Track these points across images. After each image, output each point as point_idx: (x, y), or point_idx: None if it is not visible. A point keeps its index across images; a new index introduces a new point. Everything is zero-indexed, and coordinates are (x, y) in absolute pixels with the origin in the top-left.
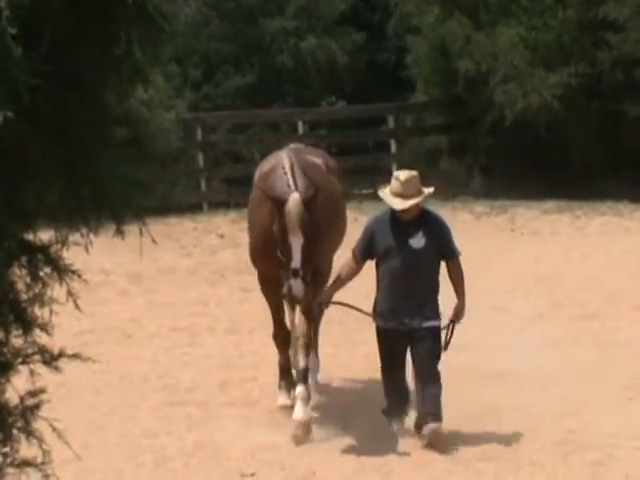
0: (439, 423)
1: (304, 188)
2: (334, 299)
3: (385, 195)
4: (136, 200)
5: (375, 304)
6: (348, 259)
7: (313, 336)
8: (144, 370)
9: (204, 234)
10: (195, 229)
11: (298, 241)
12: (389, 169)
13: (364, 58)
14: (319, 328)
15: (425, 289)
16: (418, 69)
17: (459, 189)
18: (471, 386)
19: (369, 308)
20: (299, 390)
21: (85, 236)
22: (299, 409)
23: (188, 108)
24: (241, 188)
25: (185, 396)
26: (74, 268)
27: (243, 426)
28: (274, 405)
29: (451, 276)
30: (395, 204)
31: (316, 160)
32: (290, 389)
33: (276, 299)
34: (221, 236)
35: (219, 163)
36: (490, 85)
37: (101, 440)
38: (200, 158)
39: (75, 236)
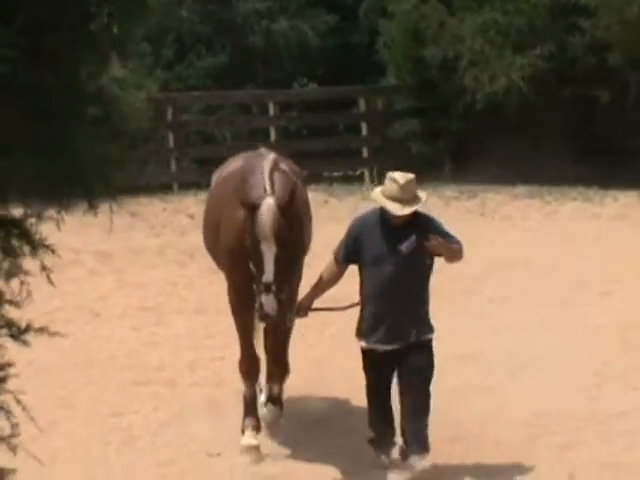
0: (426, 459)
1: (281, 192)
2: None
3: (380, 199)
4: (108, 177)
5: (360, 320)
6: (329, 262)
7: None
8: (112, 349)
9: (174, 214)
10: (165, 209)
11: (271, 252)
12: (360, 152)
13: (336, 40)
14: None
15: (417, 299)
16: (389, 53)
17: (430, 173)
18: (440, 368)
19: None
20: (269, 408)
21: (57, 213)
22: (247, 436)
23: (159, 88)
24: (212, 169)
25: (153, 375)
26: (47, 243)
27: (211, 406)
28: (241, 386)
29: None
30: (394, 210)
31: (281, 165)
32: (256, 427)
33: (247, 318)
34: (191, 216)
35: (190, 143)
36: (459, 70)
37: (69, 418)
38: (171, 138)
39: (48, 213)
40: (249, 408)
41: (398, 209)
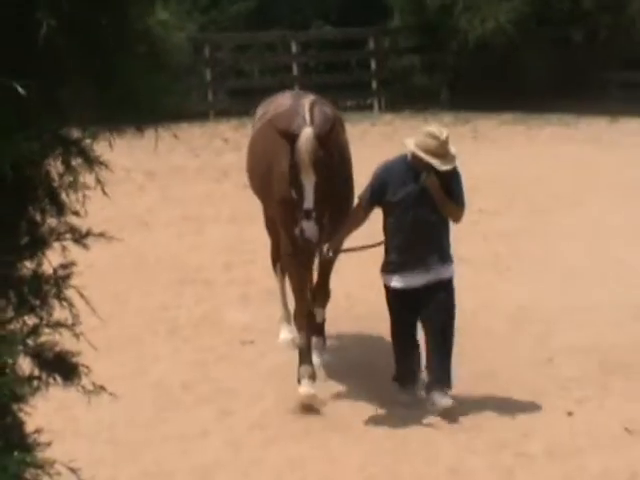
0: (449, 397)
1: (320, 122)
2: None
3: (422, 155)
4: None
5: (386, 258)
6: (355, 206)
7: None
8: (159, 253)
9: (210, 138)
10: (203, 134)
11: (310, 180)
12: (369, 84)
13: None
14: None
15: (438, 237)
16: None
17: (430, 102)
18: None
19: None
20: (315, 340)
21: (110, 136)
22: (315, 357)
23: (198, 29)
24: (243, 98)
25: (193, 275)
26: (101, 160)
27: (243, 301)
28: (270, 283)
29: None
30: (438, 165)
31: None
32: (312, 375)
33: (303, 274)
34: (225, 140)
35: (224, 77)
36: (454, 14)
37: (122, 312)
38: (207, 72)
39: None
40: (304, 357)
41: (441, 165)
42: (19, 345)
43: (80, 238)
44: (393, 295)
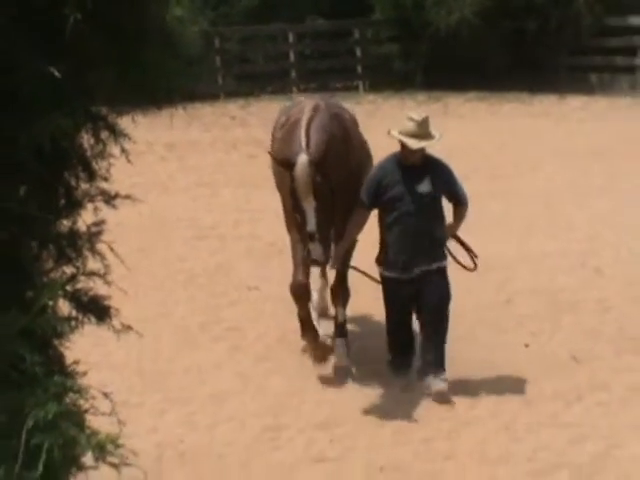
0: (443, 381)
1: (315, 145)
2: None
3: (398, 136)
4: (171, 87)
5: (380, 253)
6: (355, 210)
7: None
8: (178, 213)
9: (220, 116)
10: (214, 112)
11: (311, 205)
12: (355, 69)
13: None
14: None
15: (434, 233)
16: None
17: (406, 84)
18: None
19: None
20: (339, 342)
21: (133, 112)
22: (339, 356)
23: (209, 24)
24: (248, 82)
25: (208, 232)
26: (125, 133)
27: (250, 253)
28: (272, 238)
29: (454, 213)
30: (411, 144)
31: (342, 113)
32: (314, 338)
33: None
34: (233, 117)
35: (231, 64)
36: (426, 8)
37: (147, 263)
38: (217, 60)
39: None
40: (305, 326)
41: (415, 143)
42: (59, 290)
43: (109, 200)
44: (388, 283)
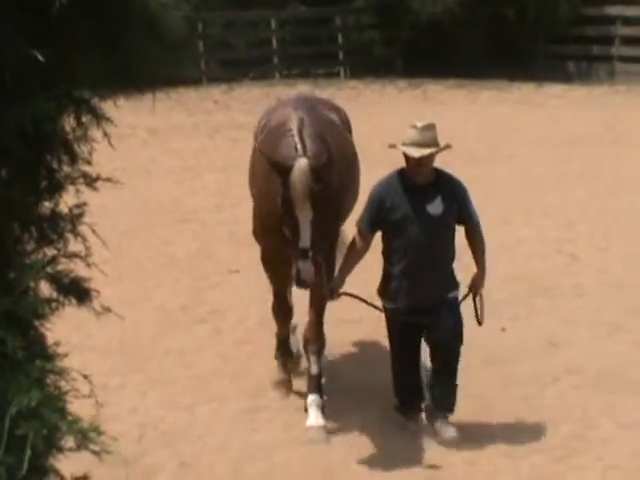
0: (452, 427)
1: (315, 153)
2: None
3: (401, 147)
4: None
5: (383, 283)
6: (354, 236)
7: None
8: (160, 197)
9: (203, 100)
10: (197, 97)
11: (306, 216)
12: (337, 55)
13: None
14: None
15: (443, 258)
16: None
17: (387, 70)
18: None
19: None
20: (312, 398)
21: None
22: (313, 415)
23: (192, 9)
24: (230, 67)
25: (190, 216)
26: (108, 116)
27: (231, 237)
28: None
29: (470, 242)
30: (412, 152)
31: (331, 115)
32: (287, 363)
33: (281, 278)
34: (215, 102)
35: (215, 49)
36: None
37: (129, 246)
38: (201, 45)
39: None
40: (281, 348)
41: (416, 152)
42: (40, 272)
43: (91, 182)
44: (393, 318)
